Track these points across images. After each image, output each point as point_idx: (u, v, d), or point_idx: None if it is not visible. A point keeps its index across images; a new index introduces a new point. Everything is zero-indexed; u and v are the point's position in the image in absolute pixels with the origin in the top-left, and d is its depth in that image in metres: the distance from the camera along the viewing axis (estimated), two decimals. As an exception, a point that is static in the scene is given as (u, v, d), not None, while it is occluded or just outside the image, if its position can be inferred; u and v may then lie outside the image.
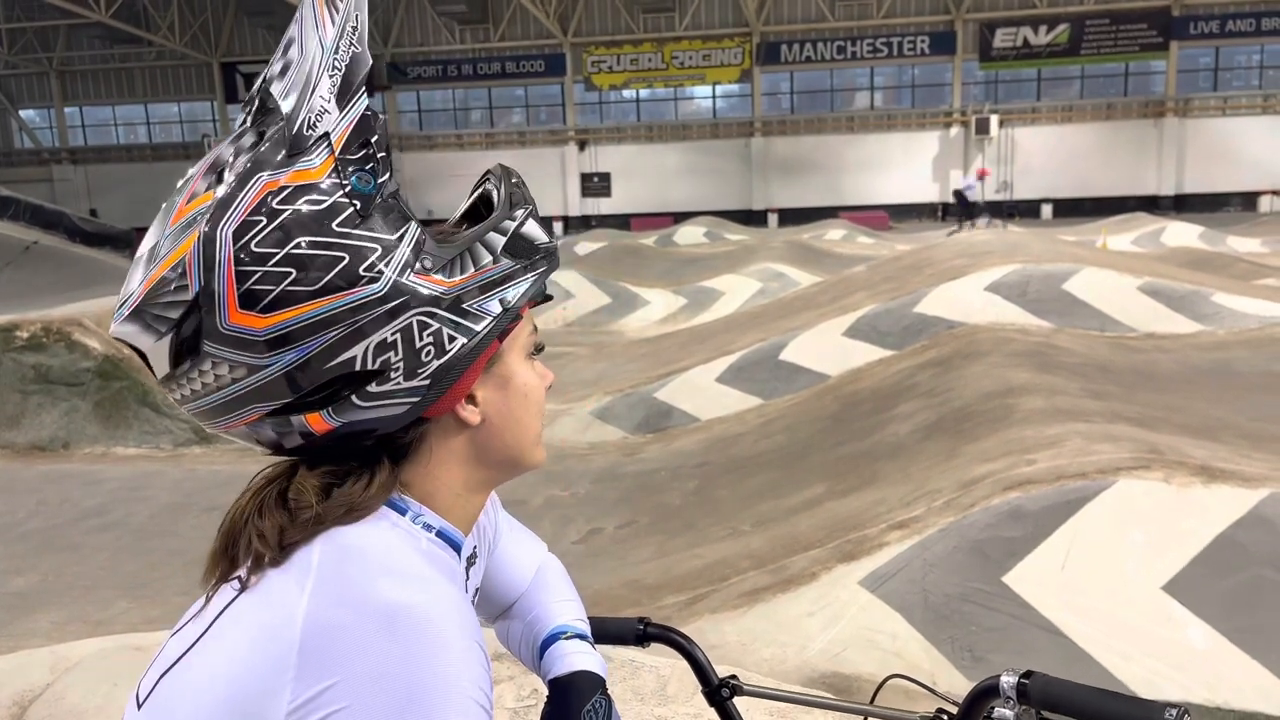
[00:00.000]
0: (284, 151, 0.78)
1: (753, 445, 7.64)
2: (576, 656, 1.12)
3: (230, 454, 8.40)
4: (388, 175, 0.82)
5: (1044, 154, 37.21)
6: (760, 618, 4.33)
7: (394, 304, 0.80)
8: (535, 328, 0.96)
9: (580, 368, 11.16)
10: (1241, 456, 4.88)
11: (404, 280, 0.80)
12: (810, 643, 4.13)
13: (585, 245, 24.69)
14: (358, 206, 0.79)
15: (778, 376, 8.85)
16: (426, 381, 0.83)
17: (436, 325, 0.82)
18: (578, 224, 38.45)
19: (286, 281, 0.76)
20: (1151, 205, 33.69)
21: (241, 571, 0.82)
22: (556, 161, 40.01)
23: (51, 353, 9.73)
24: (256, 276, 0.76)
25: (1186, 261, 14.17)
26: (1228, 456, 4.82)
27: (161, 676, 0.81)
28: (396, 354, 0.81)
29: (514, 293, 0.87)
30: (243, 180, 0.78)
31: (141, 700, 0.83)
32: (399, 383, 0.82)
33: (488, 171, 0.95)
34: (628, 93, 39.83)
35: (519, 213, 0.89)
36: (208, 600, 0.84)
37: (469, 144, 40.95)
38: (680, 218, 31.89)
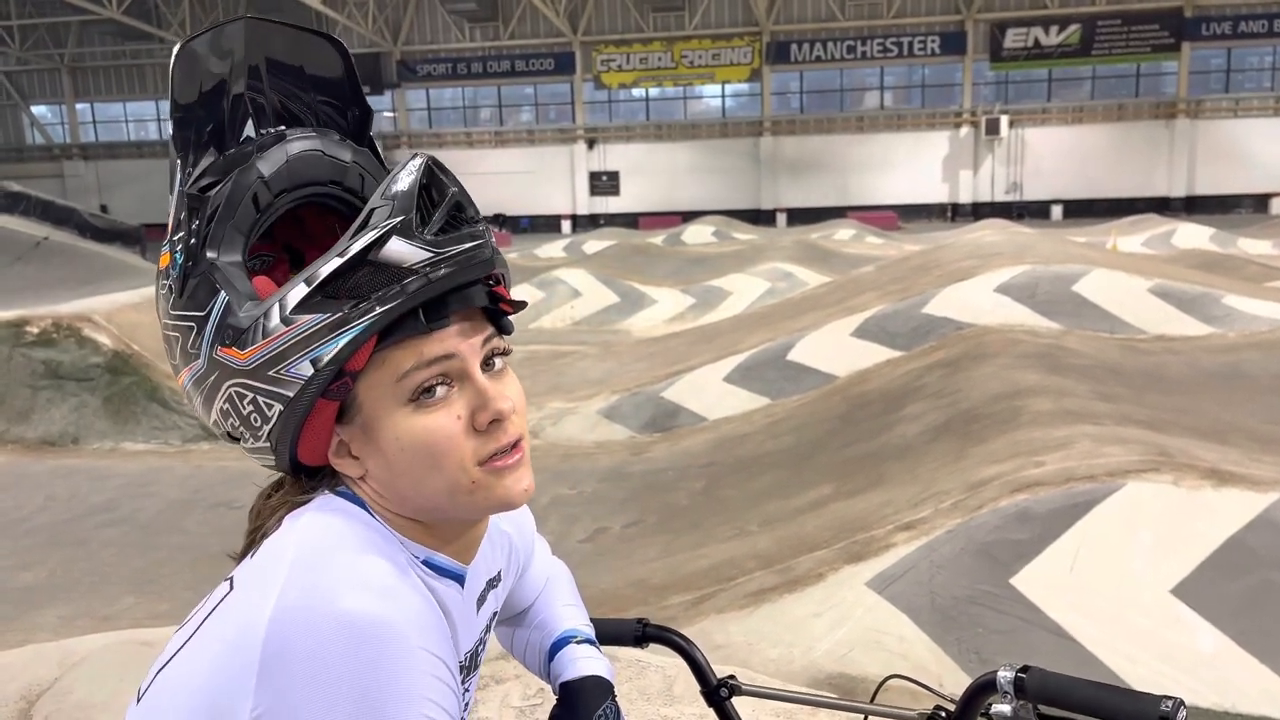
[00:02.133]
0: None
1: (760, 445, 7.63)
2: (586, 661, 1.12)
3: (237, 451, 8.40)
4: (191, 251, 0.81)
5: (1054, 155, 37.11)
6: (766, 618, 4.32)
7: (213, 377, 0.82)
8: (440, 357, 0.81)
9: (587, 367, 11.15)
10: (1252, 460, 4.86)
11: (214, 354, 0.81)
12: (817, 643, 4.12)
13: (593, 244, 24.71)
14: (172, 290, 0.83)
15: (785, 377, 8.83)
16: (268, 444, 0.83)
17: (251, 395, 0.81)
18: (586, 222, 38.50)
19: (168, 356, 0.86)
20: (1162, 207, 33.57)
21: (235, 570, 0.83)
22: (565, 160, 40.04)
23: (61, 348, 9.77)
24: (164, 348, 0.87)
25: (1197, 263, 14.11)
26: (1238, 460, 4.80)
27: (158, 672, 0.82)
28: (235, 420, 0.83)
29: (328, 350, 0.77)
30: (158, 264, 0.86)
31: (141, 695, 0.83)
32: (252, 443, 0.85)
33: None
34: (637, 91, 39.84)
35: (356, 244, 0.77)
36: (206, 598, 0.85)
37: (478, 142, 40.99)
38: (688, 217, 31.90)
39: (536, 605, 1.21)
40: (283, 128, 0.85)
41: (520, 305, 0.87)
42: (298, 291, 0.78)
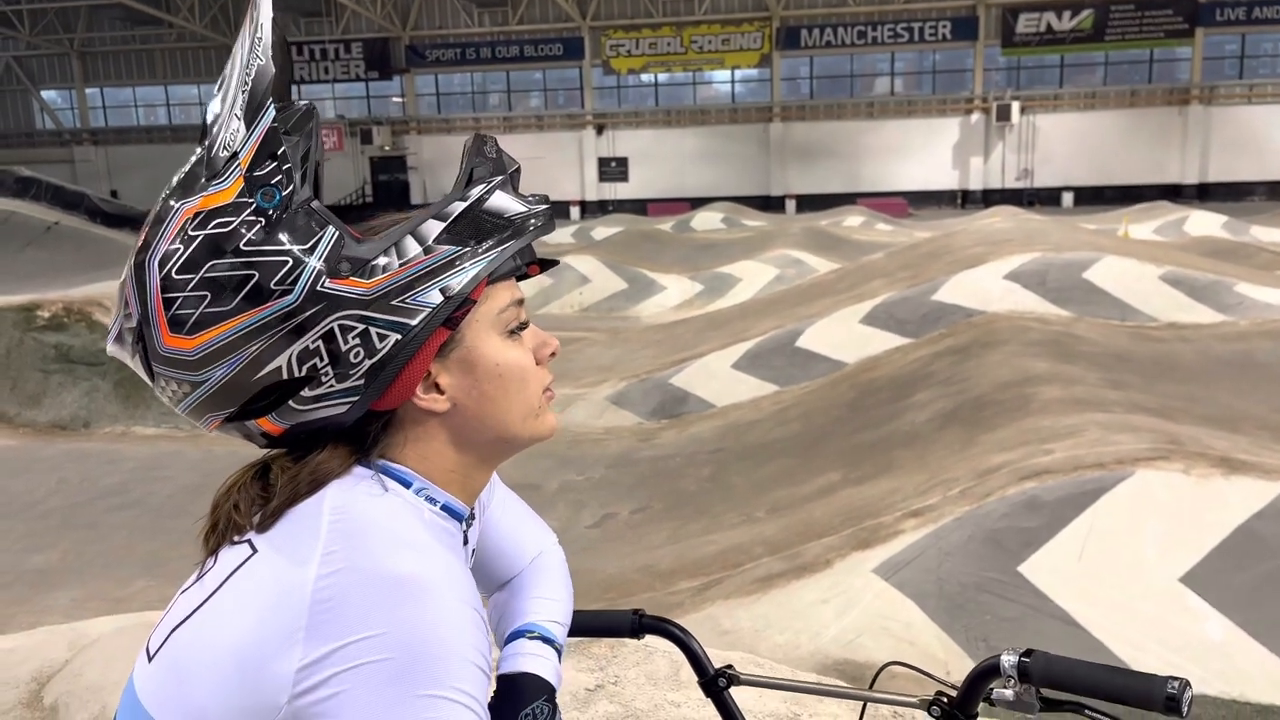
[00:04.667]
0: (204, 175, 0.82)
1: (768, 432, 7.63)
2: (530, 659, 1.09)
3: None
4: (295, 186, 0.82)
5: (1066, 141, 36.88)
6: (774, 604, 4.33)
7: (310, 313, 0.81)
8: (519, 300, 0.94)
9: (596, 353, 11.16)
10: (1262, 448, 4.84)
11: (319, 288, 0.81)
12: (824, 630, 4.13)
13: (602, 230, 24.68)
14: (263, 223, 0.81)
15: (794, 363, 8.82)
16: (361, 381, 0.84)
17: (362, 326, 0.82)
18: (594, 209, 38.42)
19: (204, 304, 0.81)
20: (1174, 194, 33.34)
21: (251, 534, 0.84)
22: (574, 146, 39.95)
23: (72, 332, 9.81)
24: (179, 302, 0.81)
25: (1209, 251, 14.02)
26: (1248, 448, 4.78)
27: (173, 631, 0.83)
28: (322, 360, 0.82)
29: (460, 279, 0.85)
30: (165, 208, 0.83)
31: (152, 654, 0.84)
32: (333, 385, 0.83)
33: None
34: (646, 77, 39.69)
35: (475, 190, 0.88)
36: (215, 560, 0.86)
37: (486, 127, 40.90)
38: (697, 203, 31.84)
39: (515, 587, 1.19)
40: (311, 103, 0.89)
41: (552, 263, 1.00)
42: (432, 226, 0.85)
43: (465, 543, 1.01)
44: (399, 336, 0.83)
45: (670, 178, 39.32)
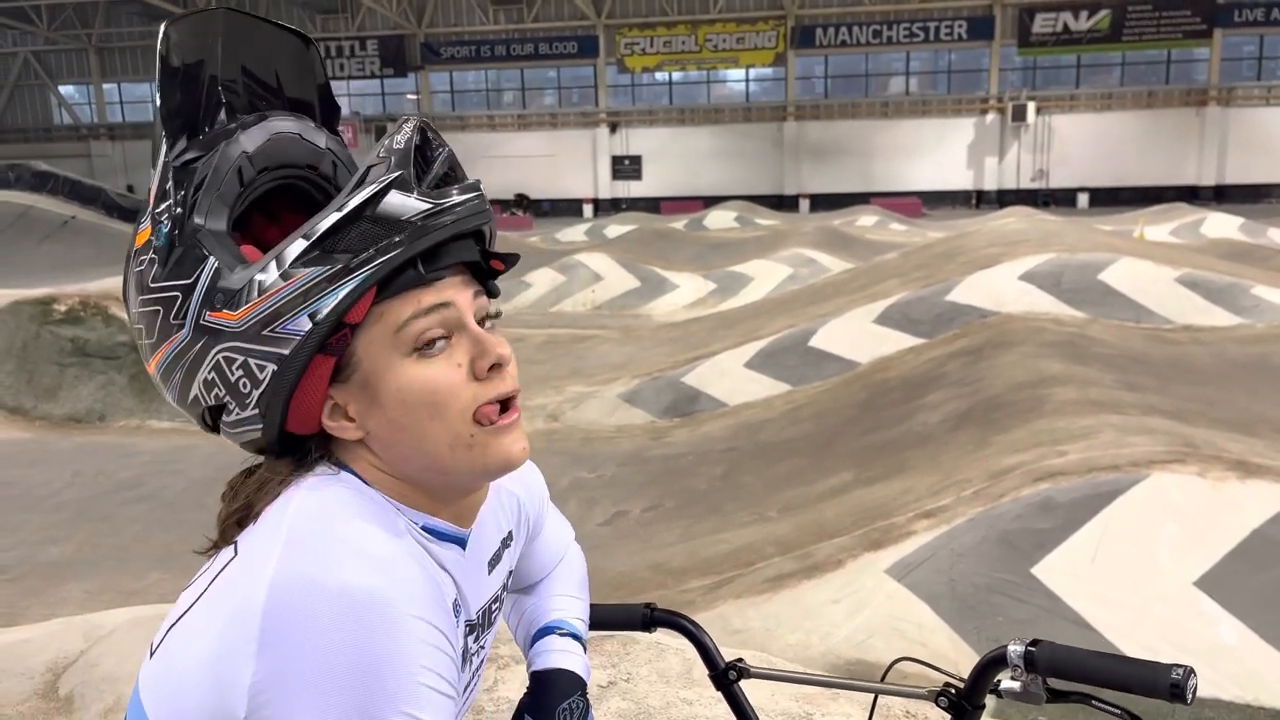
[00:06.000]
0: (142, 214, 0.85)
1: (780, 431, 7.62)
2: (563, 655, 1.12)
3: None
4: (180, 220, 0.81)
5: (1082, 142, 36.68)
6: (785, 604, 4.32)
7: (199, 345, 0.81)
8: (437, 305, 0.82)
9: (608, 351, 11.16)
10: (1279, 452, 4.81)
11: (202, 321, 0.80)
12: (835, 630, 4.12)
13: (615, 228, 24.68)
14: (156, 261, 0.82)
15: (807, 363, 8.81)
16: (257, 410, 0.82)
17: (242, 358, 0.80)
18: (608, 206, 38.45)
19: (143, 336, 0.84)
20: (1191, 196, 33.12)
21: (239, 536, 0.84)
22: (588, 144, 39.97)
23: (88, 326, 9.88)
24: (137, 332, 0.86)
25: (1226, 253, 13.92)
26: (1264, 452, 4.75)
27: (170, 629, 0.83)
28: (220, 389, 0.82)
29: (327, 302, 0.78)
30: (129, 245, 0.86)
31: (154, 649, 0.85)
32: (238, 413, 0.83)
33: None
34: (660, 75, 39.67)
35: (354, 199, 0.78)
36: (213, 559, 0.86)
37: (501, 125, 40.97)
38: (711, 202, 31.80)
39: (538, 587, 1.21)
40: (263, 113, 0.86)
41: (512, 260, 0.89)
42: (296, 246, 0.78)
43: (495, 565, 0.99)
44: (275, 366, 0.80)
45: (684, 176, 39.30)
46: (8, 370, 9.63)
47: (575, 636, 1.15)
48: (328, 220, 0.78)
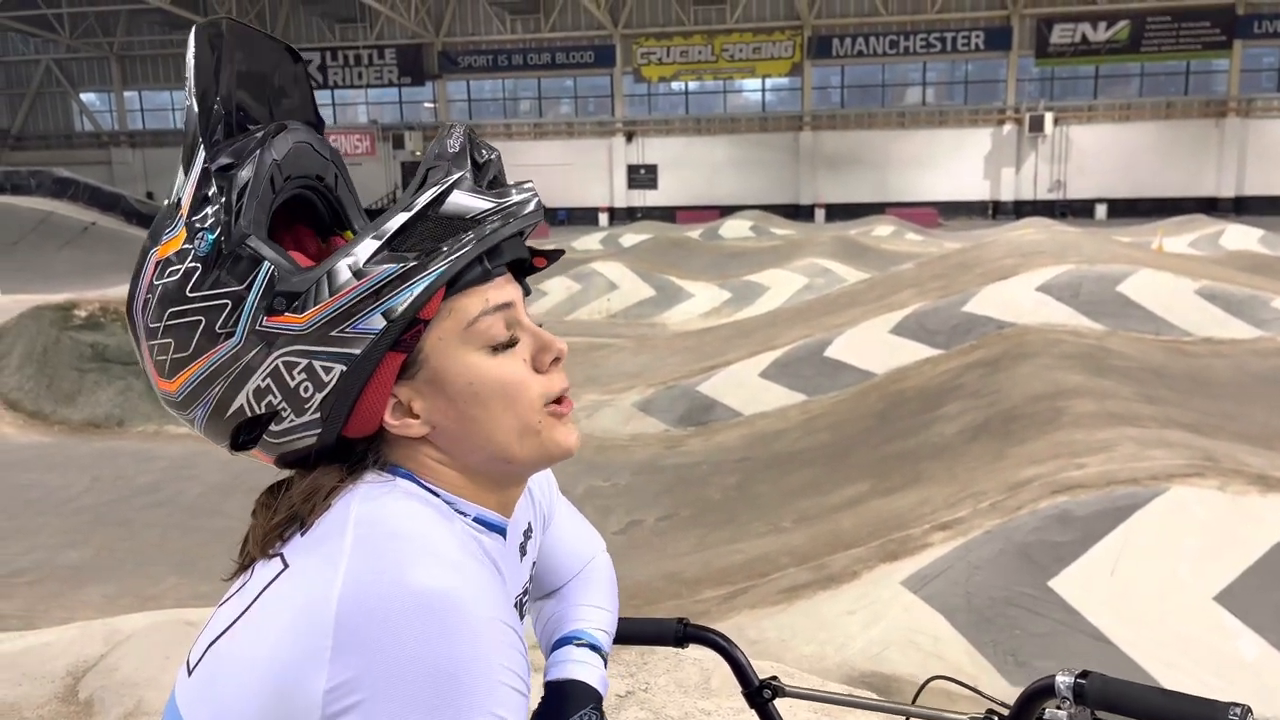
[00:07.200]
0: (166, 223, 0.83)
1: (796, 442, 7.60)
2: (578, 666, 1.11)
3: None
4: (227, 226, 0.80)
5: (1100, 153, 36.52)
6: (800, 615, 4.31)
7: (254, 352, 0.80)
8: (502, 304, 0.86)
9: (623, 360, 11.17)
10: (1300, 467, 4.76)
11: (259, 327, 0.80)
12: (851, 642, 4.10)
13: (630, 237, 24.72)
14: (200, 269, 0.80)
15: (822, 373, 8.79)
16: (318, 415, 0.82)
17: (306, 361, 0.80)
18: (623, 215, 38.49)
19: (172, 351, 0.82)
20: (1210, 207, 32.93)
21: (284, 548, 0.83)
22: (604, 153, 40.06)
23: (108, 331, 9.95)
24: (156, 349, 0.83)
25: (1246, 265, 13.81)
26: (1285, 466, 4.71)
27: (210, 645, 0.83)
28: (275, 397, 0.81)
29: (402, 299, 0.79)
30: (142, 258, 0.84)
31: (192, 667, 0.84)
32: (293, 420, 0.82)
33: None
34: (676, 85, 39.76)
35: (422, 198, 0.81)
36: (251, 574, 0.85)
37: (517, 134, 41.13)
38: (726, 211, 31.78)
39: (563, 594, 1.20)
40: (282, 122, 0.86)
41: (556, 256, 0.94)
42: (367, 246, 0.80)
43: (523, 554, 1.00)
44: (344, 368, 0.80)
45: (699, 185, 39.32)
46: (28, 375, 9.72)
47: (594, 648, 1.14)
48: (397, 220, 0.80)
